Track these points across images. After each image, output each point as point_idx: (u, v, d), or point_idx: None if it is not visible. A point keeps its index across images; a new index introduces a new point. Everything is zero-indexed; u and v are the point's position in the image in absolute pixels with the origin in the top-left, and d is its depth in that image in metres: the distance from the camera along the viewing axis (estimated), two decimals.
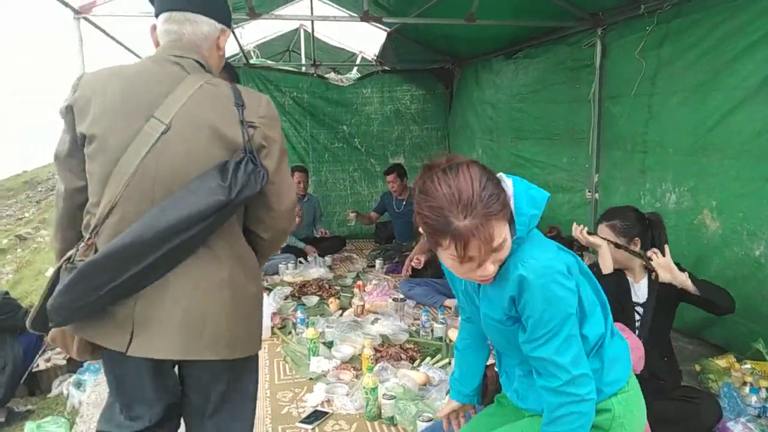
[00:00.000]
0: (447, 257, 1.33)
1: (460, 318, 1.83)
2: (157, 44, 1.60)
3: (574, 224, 2.72)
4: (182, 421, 1.65)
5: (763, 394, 2.69)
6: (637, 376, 1.71)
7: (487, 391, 1.91)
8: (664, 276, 2.33)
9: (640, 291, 2.54)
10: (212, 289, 1.43)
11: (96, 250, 1.39)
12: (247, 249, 1.54)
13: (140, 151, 1.38)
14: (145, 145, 1.38)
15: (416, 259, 4.65)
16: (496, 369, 1.79)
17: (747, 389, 2.71)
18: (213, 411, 1.57)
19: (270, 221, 1.54)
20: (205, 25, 1.53)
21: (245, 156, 1.40)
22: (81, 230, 1.47)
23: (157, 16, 1.56)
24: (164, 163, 1.39)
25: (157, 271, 1.38)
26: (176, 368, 1.60)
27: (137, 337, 1.40)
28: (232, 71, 2.99)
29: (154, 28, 1.59)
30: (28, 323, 1.53)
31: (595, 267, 2.57)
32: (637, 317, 2.49)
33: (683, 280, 2.34)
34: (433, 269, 4.75)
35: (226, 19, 1.59)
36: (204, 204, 1.35)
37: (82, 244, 1.42)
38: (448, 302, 4.12)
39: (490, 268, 1.35)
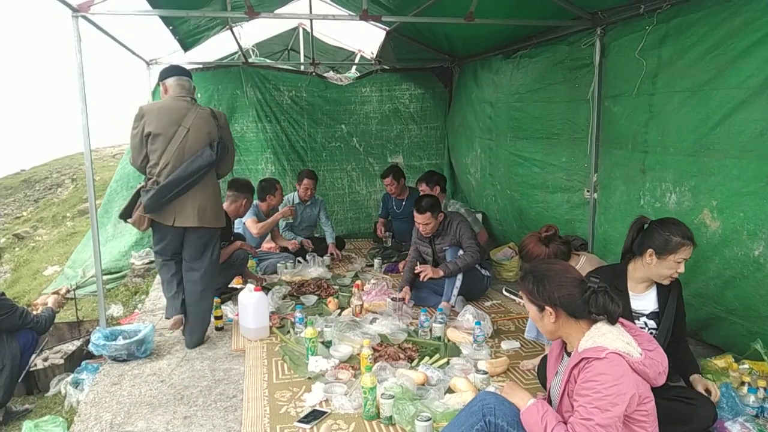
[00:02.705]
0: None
1: None
2: (166, 91, 3.58)
3: None
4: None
5: (761, 393, 2.69)
6: None
7: None
8: None
9: (643, 301, 2.54)
10: (206, 196, 3.51)
11: (158, 183, 3.38)
12: (215, 179, 3.65)
13: (177, 140, 3.39)
14: (179, 138, 3.40)
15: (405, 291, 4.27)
16: None
17: (745, 389, 2.71)
18: (198, 256, 3.63)
19: (224, 167, 3.69)
20: (192, 82, 3.64)
21: (219, 140, 3.51)
22: (146, 174, 3.48)
23: (165, 79, 3.58)
24: (188, 145, 3.41)
25: (186, 191, 3.40)
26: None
27: (177, 218, 3.44)
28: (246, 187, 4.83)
29: (164, 84, 3.58)
30: (119, 215, 3.73)
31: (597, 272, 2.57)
32: (640, 326, 2.50)
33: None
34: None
35: (190, 77, 3.68)
36: (206, 161, 3.42)
37: (151, 180, 3.41)
38: (444, 304, 4.10)
39: None
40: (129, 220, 3.55)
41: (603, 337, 1.87)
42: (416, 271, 4.21)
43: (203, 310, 3.70)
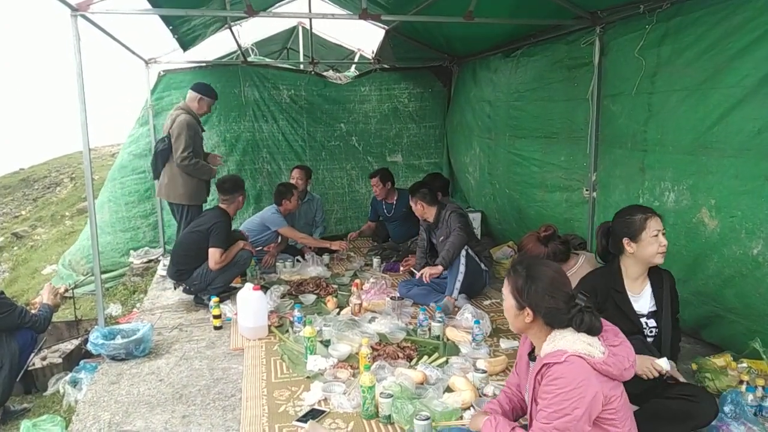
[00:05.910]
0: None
1: None
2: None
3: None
4: None
5: (759, 392, 2.69)
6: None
7: None
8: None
9: (640, 301, 2.54)
10: (167, 176, 5.00)
11: None
12: (174, 165, 4.95)
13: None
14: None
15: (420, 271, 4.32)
16: None
17: (743, 388, 2.71)
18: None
19: (175, 153, 4.86)
20: (191, 93, 5.09)
21: (168, 135, 5.00)
22: None
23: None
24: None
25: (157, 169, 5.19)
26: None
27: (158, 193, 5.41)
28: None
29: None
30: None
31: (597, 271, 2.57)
32: (645, 328, 2.51)
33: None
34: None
35: (200, 92, 5.05)
36: (163, 147, 5.03)
37: None
38: (447, 298, 4.10)
39: None
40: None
41: (563, 340, 1.83)
42: (417, 276, 4.25)
43: None
